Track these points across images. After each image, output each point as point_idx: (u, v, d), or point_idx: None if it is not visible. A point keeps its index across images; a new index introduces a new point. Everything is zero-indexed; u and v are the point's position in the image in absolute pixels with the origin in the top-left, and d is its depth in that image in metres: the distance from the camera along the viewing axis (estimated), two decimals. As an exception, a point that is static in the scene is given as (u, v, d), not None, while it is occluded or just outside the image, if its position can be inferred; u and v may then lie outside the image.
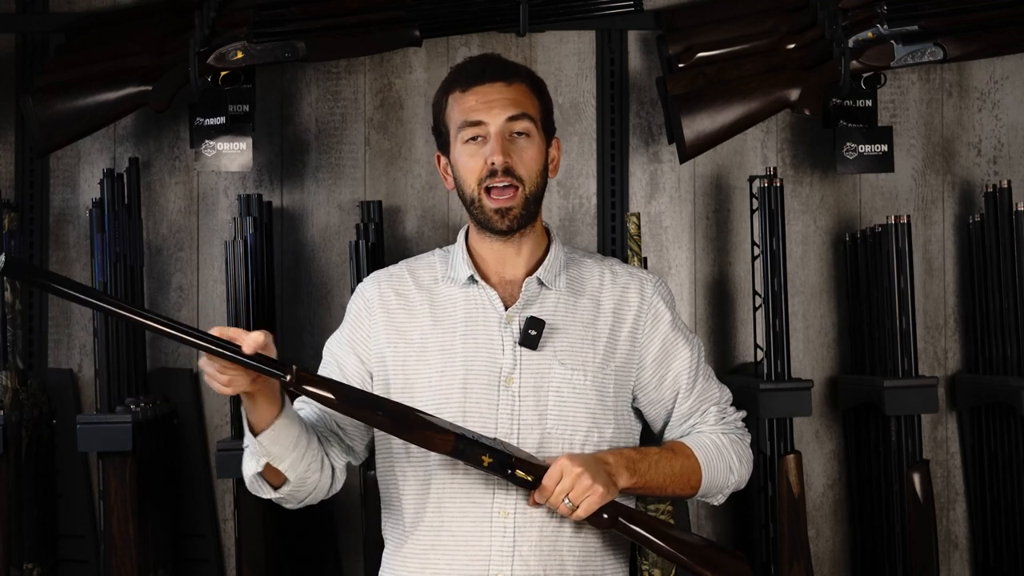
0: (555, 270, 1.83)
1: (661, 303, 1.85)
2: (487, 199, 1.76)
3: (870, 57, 2.39)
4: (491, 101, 1.76)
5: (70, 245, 2.67)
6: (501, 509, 1.73)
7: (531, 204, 1.78)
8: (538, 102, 1.82)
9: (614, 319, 1.82)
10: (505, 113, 1.76)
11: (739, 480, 1.86)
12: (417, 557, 1.77)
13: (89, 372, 2.63)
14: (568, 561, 1.75)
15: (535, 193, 1.79)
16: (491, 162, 1.74)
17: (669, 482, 1.78)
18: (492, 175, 1.74)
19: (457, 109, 1.78)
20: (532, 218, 1.80)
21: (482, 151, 1.76)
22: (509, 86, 1.78)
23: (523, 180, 1.76)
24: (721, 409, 1.88)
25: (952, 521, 2.68)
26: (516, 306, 1.79)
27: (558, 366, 1.76)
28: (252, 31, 2.40)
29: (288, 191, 2.68)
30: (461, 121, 1.77)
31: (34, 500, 2.50)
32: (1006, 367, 2.51)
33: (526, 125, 1.77)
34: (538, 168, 1.79)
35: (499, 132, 1.75)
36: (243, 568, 2.37)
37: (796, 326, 2.63)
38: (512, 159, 1.75)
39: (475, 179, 1.76)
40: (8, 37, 2.66)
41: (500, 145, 1.74)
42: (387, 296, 1.84)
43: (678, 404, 1.85)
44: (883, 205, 2.69)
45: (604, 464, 1.71)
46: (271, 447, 1.69)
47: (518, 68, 1.83)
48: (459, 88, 1.79)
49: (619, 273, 1.87)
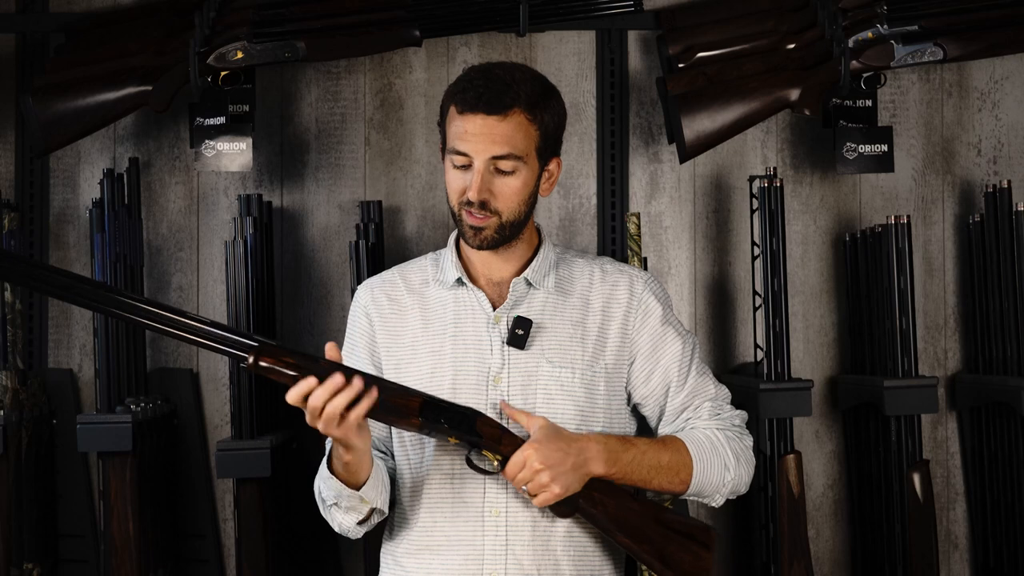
0: (543, 270, 1.83)
1: (652, 298, 1.84)
2: (465, 214, 1.76)
3: (870, 57, 2.39)
4: (479, 135, 1.72)
5: (70, 245, 2.67)
6: (492, 508, 1.73)
7: (507, 229, 1.77)
8: (536, 131, 1.77)
9: (603, 317, 1.82)
10: (490, 152, 1.72)
11: (736, 479, 1.81)
12: (411, 557, 1.77)
13: (89, 372, 2.64)
14: (563, 560, 1.75)
15: (512, 220, 1.77)
16: (467, 196, 1.74)
17: (655, 475, 1.75)
18: (469, 204, 1.74)
19: (451, 129, 1.76)
20: (509, 239, 1.79)
21: (464, 176, 1.75)
22: (503, 120, 1.72)
23: (499, 212, 1.75)
24: (716, 405, 1.85)
25: (952, 521, 2.68)
26: (504, 306, 1.80)
27: (546, 364, 1.76)
28: (252, 31, 2.40)
29: (288, 191, 2.68)
30: (451, 145, 1.76)
31: (34, 500, 2.50)
32: (1006, 367, 2.51)
33: (512, 164, 1.74)
34: (521, 199, 1.76)
35: (481, 169, 1.72)
36: (243, 568, 2.37)
37: (796, 326, 2.63)
38: (490, 194, 1.73)
39: (456, 198, 1.76)
40: (8, 37, 2.66)
41: (479, 182, 1.72)
42: (380, 301, 1.85)
43: (670, 398, 1.83)
44: (883, 205, 2.69)
45: (576, 454, 1.69)
46: (372, 494, 1.72)
47: (518, 95, 1.73)
48: (457, 107, 1.75)
49: (609, 271, 1.87)
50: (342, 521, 1.75)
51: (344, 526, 1.76)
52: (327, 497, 1.74)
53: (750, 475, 1.85)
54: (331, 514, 1.76)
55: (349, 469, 1.68)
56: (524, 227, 1.80)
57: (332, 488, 1.71)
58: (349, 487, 1.69)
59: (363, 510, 1.73)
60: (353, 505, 1.72)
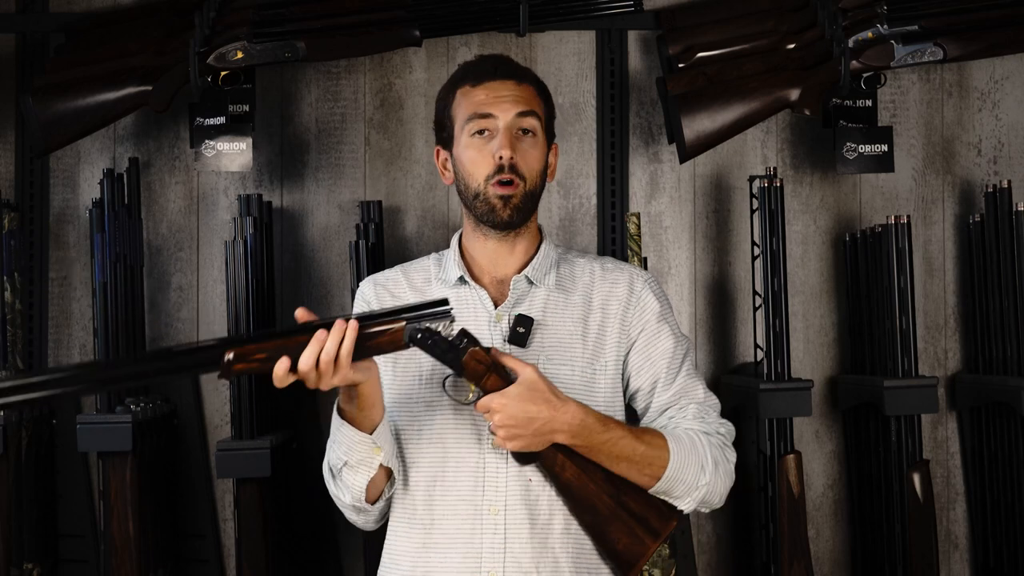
0: (544, 268, 1.84)
1: (650, 295, 1.85)
2: (492, 188, 1.77)
3: (870, 57, 2.39)
4: (502, 96, 1.79)
5: (70, 245, 2.67)
6: (491, 506, 1.73)
7: (530, 200, 1.80)
8: (544, 105, 1.85)
9: (603, 315, 1.83)
10: (515, 108, 1.78)
11: (710, 485, 1.75)
12: (410, 555, 1.77)
13: (89, 372, 2.63)
14: (561, 557, 1.75)
15: (533, 191, 1.81)
16: (499, 156, 1.76)
17: (621, 463, 1.72)
18: (500, 171, 1.76)
19: (466, 102, 1.80)
20: (529, 215, 1.82)
21: (489, 146, 1.78)
22: (519, 85, 1.81)
23: (525, 178, 1.78)
24: (703, 409, 1.83)
25: (952, 521, 2.68)
26: (505, 304, 1.81)
27: (547, 362, 1.76)
28: (252, 31, 2.40)
29: (288, 191, 2.68)
30: (471, 113, 1.79)
31: (34, 500, 2.50)
32: (1006, 367, 2.51)
33: (533, 123, 1.80)
34: (539, 168, 1.81)
35: (508, 127, 1.77)
36: (243, 568, 2.37)
37: (796, 326, 2.63)
38: (517, 156, 1.77)
39: (482, 175, 1.78)
40: (8, 37, 2.66)
41: (508, 140, 1.77)
42: (383, 297, 1.86)
43: (656, 394, 1.82)
44: (883, 205, 2.69)
45: (545, 421, 1.67)
46: (382, 439, 1.71)
47: (527, 71, 1.86)
48: (469, 83, 1.81)
49: (609, 269, 1.88)
50: (353, 483, 1.73)
51: (355, 490, 1.73)
52: (336, 461, 1.72)
53: (726, 488, 1.80)
54: (342, 480, 1.74)
55: (365, 403, 1.67)
56: (536, 207, 1.84)
57: (343, 441, 1.69)
58: (362, 432, 1.69)
59: (374, 464, 1.71)
60: (364, 458, 1.70)
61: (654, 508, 1.74)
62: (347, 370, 1.61)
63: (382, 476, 1.74)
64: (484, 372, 1.67)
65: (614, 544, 1.73)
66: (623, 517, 1.73)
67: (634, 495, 1.73)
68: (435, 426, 1.77)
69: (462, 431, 1.76)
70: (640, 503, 1.73)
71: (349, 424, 1.69)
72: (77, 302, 2.66)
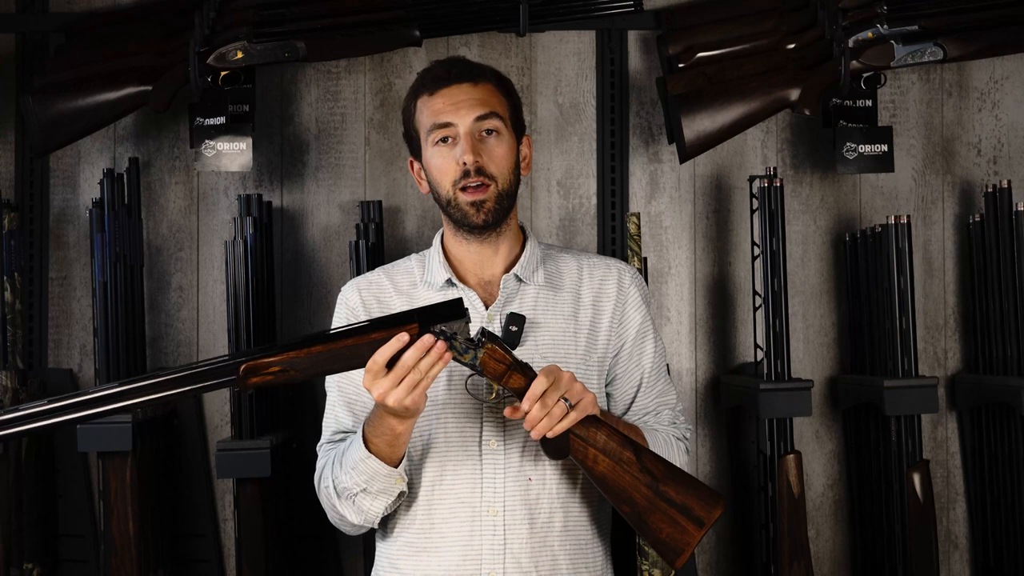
0: (532, 266, 1.84)
1: (638, 294, 1.88)
2: (462, 195, 1.77)
3: (870, 57, 2.39)
4: (459, 102, 1.77)
5: (70, 245, 2.67)
6: (490, 508, 1.73)
7: (503, 200, 1.79)
8: (506, 101, 1.82)
9: (594, 311, 1.84)
10: (473, 113, 1.77)
11: None
12: (408, 559, 1.77)
13: (89, 372, 2.64)
14: (560, 556, 1.75)
15: (507, 190, 1.79)
16: (462, 162, 1.75)
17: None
18: (466, 175, 1.75)
19: (426, 112, 1.79)
20: (506, 214, 1.81)
21: (453, 152, 1.76)
22: (476, 86, 1.79)
23: (495, 177, 1.77)
24: (675, 415, 1.91)
25: (952, 521, 2.68)
26: (496, 304, 1.80)
27: (540, 360, 1.77)
28: (252, 31, 2.40)
29: (288, 191, 2.68)
30: (431, 124, 1.78)
31: (34, 500, 2.50)
32: (1006, 367, 2.51)
33: (495, 123, 1.78)
34: (509, 165, 1.79)
35: (468, 132, 1.76)
36: (243, 568, 2.37)
37: (796, 326, 2.63)
38: (483, 158, 1.76)
39: (449, 181, 1.77)
40: (8, 37, 2.66)
41: (470, 145, 1.75)
42: (369, 303, 1.85)
43: (638, 398, 1.87)
44: (883, 205, 2.69)
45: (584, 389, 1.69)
46: (404, 471, 1.71)
47: (483, 69, 1.84)
48: (426, 92, 1.80)
49: (596, 265, 1.89)
50: (369, 508, 1.72)
51: (370, 515, 1.73)
52: (352, 485, 1.71)
53: None
54: (356, 505, 1.73)
55: (399, 441, 1.66)
56: (514, 205, 1.83)
57: (365, 472, 1.68)
58: (389, 467, 1.68)
59: (394, 492, 1.71)
60: (386, 487, 1.70)
61: (696, 496, 1.73)
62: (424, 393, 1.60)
63: (396, 498, 1.75)
64: (505, 371, 1.66)
65: (657, 534, 1.72)
66: (662, 507, 1.72)
67: (674, 484, 1.72)
68: (433, 430, 1.76)
69: (460, 433, 1.76)
70: (681, 492, 1.72)
71: (376, 457, 1.68)
72: (77, 302, 2.66)
